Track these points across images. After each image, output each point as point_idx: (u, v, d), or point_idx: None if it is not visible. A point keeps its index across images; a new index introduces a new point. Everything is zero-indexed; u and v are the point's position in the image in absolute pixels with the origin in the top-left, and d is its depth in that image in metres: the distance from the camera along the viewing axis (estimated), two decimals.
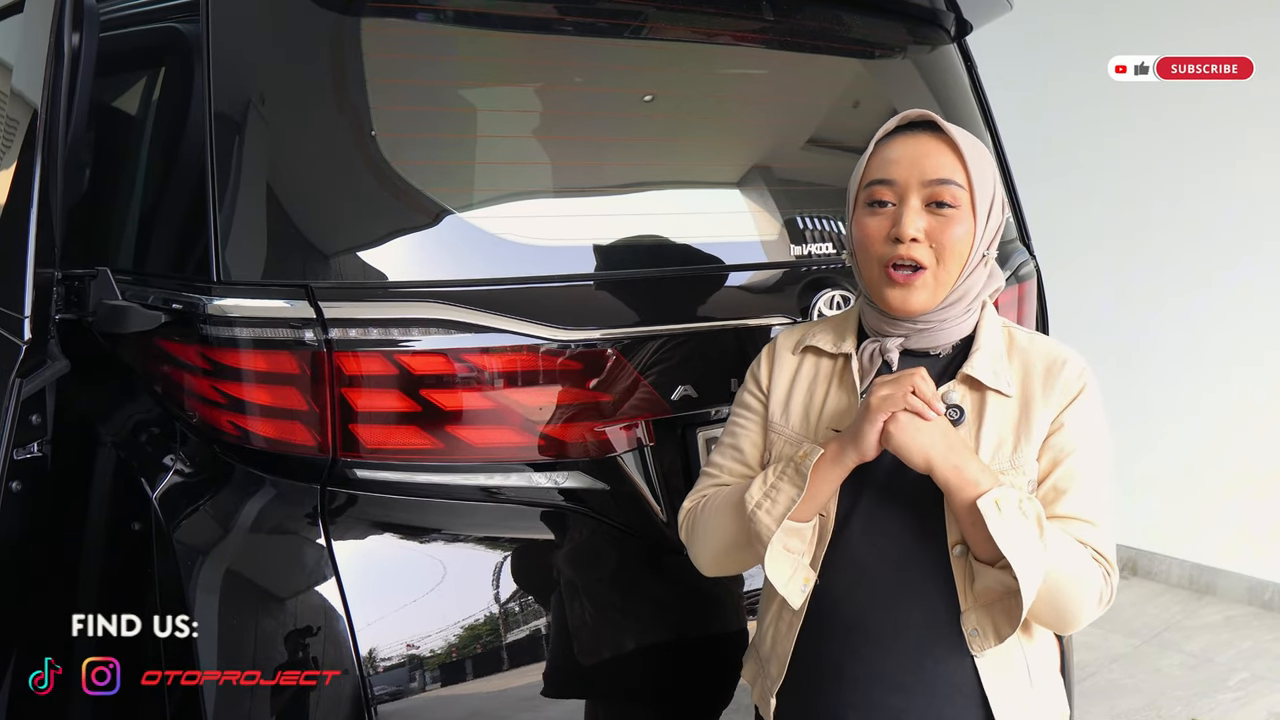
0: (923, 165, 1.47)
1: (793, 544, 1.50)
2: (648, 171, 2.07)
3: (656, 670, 1.95)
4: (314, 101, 1.75)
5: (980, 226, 1.48)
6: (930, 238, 1.46)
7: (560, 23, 1.99)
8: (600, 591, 1.88)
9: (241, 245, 1.67)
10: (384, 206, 1.75)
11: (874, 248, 1.50)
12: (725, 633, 2.02)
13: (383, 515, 1.73)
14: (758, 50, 2.26)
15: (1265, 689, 3.78)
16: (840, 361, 1.60)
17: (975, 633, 1.45)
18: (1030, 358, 1.52)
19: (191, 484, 1.72)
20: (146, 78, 1.92)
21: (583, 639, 1.84)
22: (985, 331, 1.54)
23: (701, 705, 2.04)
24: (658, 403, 1.89)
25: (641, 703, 1.99)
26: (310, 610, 1.65)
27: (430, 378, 1.69)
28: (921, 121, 1.52)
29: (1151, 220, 4.67)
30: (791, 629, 1.57)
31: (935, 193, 1.46)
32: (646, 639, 1.93)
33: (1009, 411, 1.49)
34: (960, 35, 2.60)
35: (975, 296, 1.53)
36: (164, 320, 1.67)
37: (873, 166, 1.53)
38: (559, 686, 1.82)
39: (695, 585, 1.97)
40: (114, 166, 1.98)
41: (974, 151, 1.49)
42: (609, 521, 1.89)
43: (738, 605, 2.02)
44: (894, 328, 1.54)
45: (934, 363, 1.55)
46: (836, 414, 1.57)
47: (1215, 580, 4.62)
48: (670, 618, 1.97)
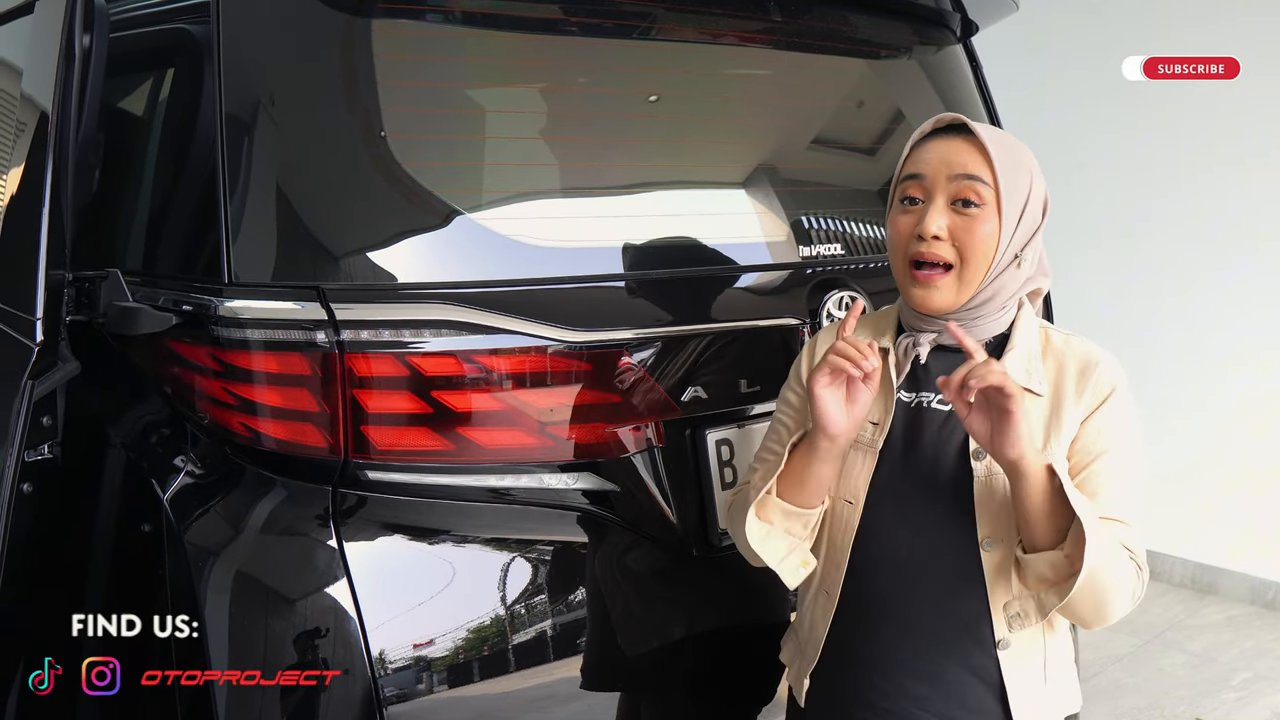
0: (950, 162, 1.49)
1: (793, 527, 1.58)
2: (656, 172, 2.07)
3: (667, 670, 1.95)
4: (324, 102, 1.75)
5: (1009, 227, 1.48)
6: (954, 236, 1.48)
7: (568, 24, 1.99)
8: (610, 592, 1.88)
9: (252, 246, 1.67)
10: (394, 207, 1.75)
11: (901, 244, 1.54)
12: (734, 634, 2.03)
13: (393, 517, 1.73)
14: (764, 51, 2.26)
15: (1268, 688, 3.79)
16: (878, 357, 1.62)
17: (1017, 615, 1.48)
18: (1065, 359, 1.54)
19: (202, 485, 1.72)
20: (157, 79, 1.92)
21: (594, 639, 1.84)
22: (1021, 330, 1.56)
23: (706, 705, 2.04)
24: (667, 404, 1.89)
25: (651, 702, 1.99)
26: (321, 611, 1.65)
27: (441, 379, 1.68)
28: (955, 125, 1.54)
29: (1151, 219, 4.67)
30: (826, 614, 1.62)
31: (960, 189, 1.48)
32: (655, 639, 1.93)
33: (1040, 410, 1.51)
34: (966, 36, 2.61)
35: (1011, 295, 1.55)
36: (175, 322, 1.66)
37: (906, 165, 1.56)
38: (570, 685, 1.82)
39: (707, 586, 1.98)
40: (124, 168, 1.98)
41: (1003, 151, 1.49)
42: (619, 522, 1.89)
43: (748, 603, 2.02)
44: (927, 324, 1.56)
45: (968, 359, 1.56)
46: (873, 409, 1.58)
47: (1218, 580, 4.63)
48: (682, 618, 1.97)
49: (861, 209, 2.27)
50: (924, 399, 1.58)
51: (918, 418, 1.57)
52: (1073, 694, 1.64)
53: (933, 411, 1.56)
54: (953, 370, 1.42)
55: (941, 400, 1.55)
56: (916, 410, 1.58)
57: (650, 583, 1.95)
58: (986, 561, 1.49)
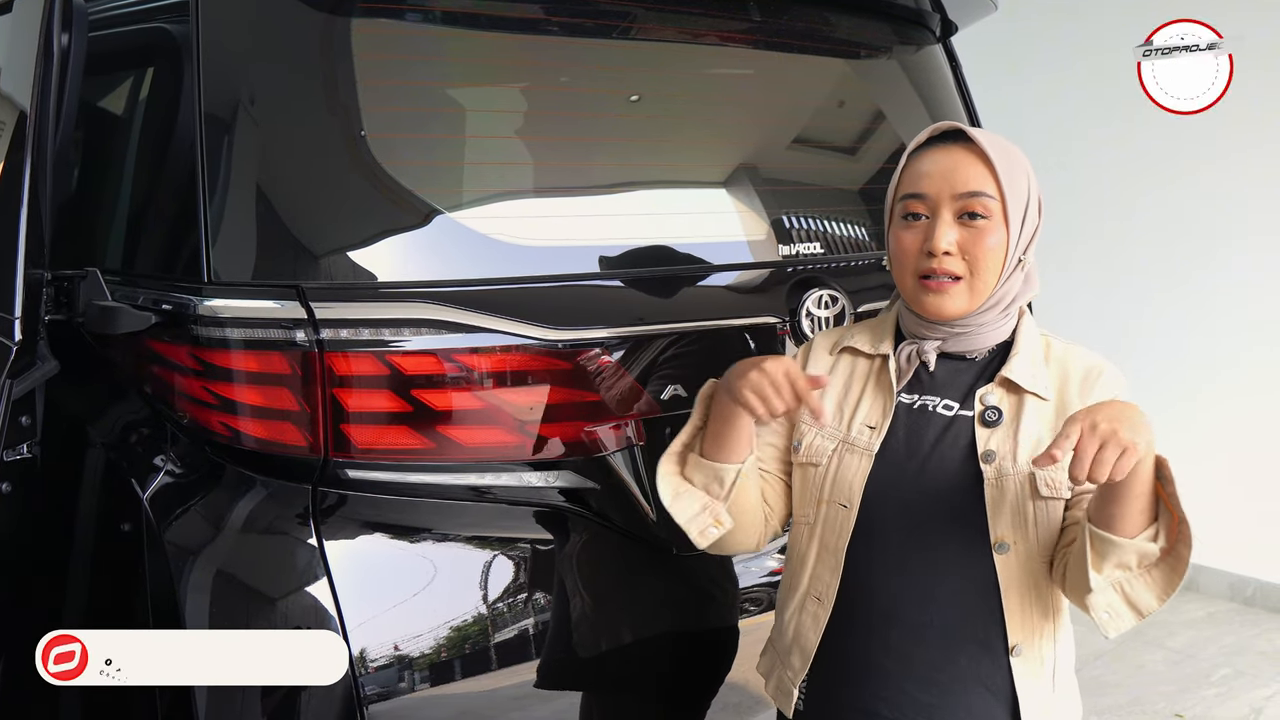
0: (953, 179, 1.48)
1: (713, 487, 1.57)
2: (637, 172, 2.07)
3: (647, 666, 1.96)
4: (304, 102, 1.75)
5: (1014, 233, 1.49)
6: (963, 250, 1.48)
7: (549, 23, 1.99)
8: (590, 590, 1.88)
9: (232, 245, 1.67)
10: (374, 207, 1.76)
11: (909, 261, 1.52)
12: (716, 629, 2.03)
13: (374, 515, 1.73)
14: (745, 50, 2.27)
15: (1247, 684, 3.81)
16: (878, 362, 1.62)
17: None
18: (1068, 366, 1.54)
19: (182, 485, 1.72)
20: (136, 78, 1.92)
21: (574, 637, 1.84)
22: (1024, 337, 1.56)
23: (691, 700, 2.05)
24: (648, 402, 1.90)
25: (632, 698, 1.99)
26: (302, 610, 1.65)
27: (421, 378, 1.69)
28: (952, 132, 1.53)
29: (1137, 218, 4.69)
30: (818, 621, 1.59)
31: (967, 205, 1.48)
32: (637, 636, 1.94)
33: (1046, 414, 1.50)
34: (946, 36, 2.62)
35: (1013, 300, 1.55)
36: (154, 321, 1.66)
37: (906, 180, 1.55)
38: (551, 683, 1.82)
39: (686, 583, 1.99)
40: (103, 167, 1.98)
41: (1004, 159, 1.49)
42: (599, 520, 1.89)
43: (729, 603, 2.03)
44: (931, 331, 1.56)
45: (971, 366, 1.57)
46: (870, 412, 1.58)
47: (1198, 577, 4.65)
48: (661, 615, 1.97)
49: (841, 208, 2.28)
50: (928, 402, 1.56)
51: (921, 421, 1.55)
52: (1076, 702, 1.61)
53: (937, 415, 1.55)
54: (956, 375, 1.49)
55: (947, 405, 1.54)
56: (920, 413, 1.56)
57: (631, 580, 1.96)
58: (1000, 565, 1.48)
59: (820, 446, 1.60)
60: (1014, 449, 1.48)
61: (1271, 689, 3.75)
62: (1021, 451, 1.48)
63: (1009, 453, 1.48)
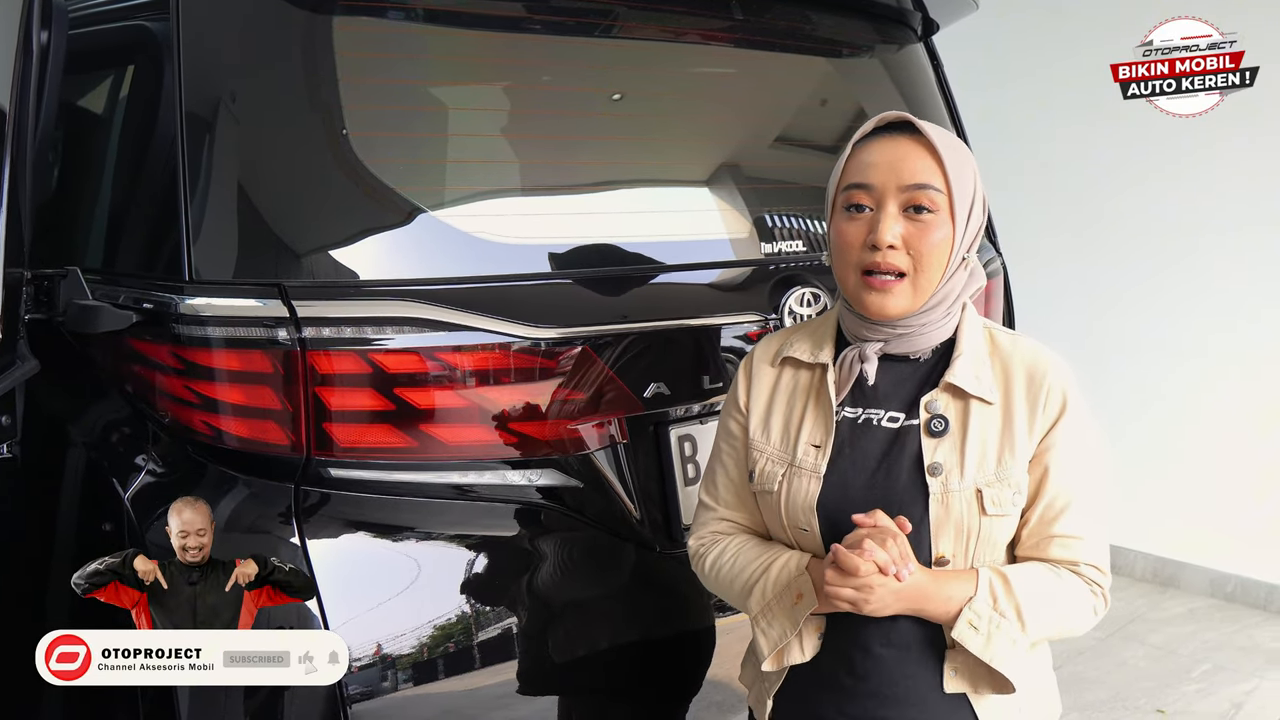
0: (900, 170, 1.43)
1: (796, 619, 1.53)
2: (619, 170, 2.08)
3: (628, 666, 1.96)
4: (286, 100, 1.75)
5: (960, 229, 1.45)
6: (908, 244, 1.43)
7: (531, 22, 2.00)
8: (574, 588, 1.89)
9: (213, 244, 1.66)
10: (357, 205, 1.75)
11: (851, 254, 1.46)
12: (696, 629, 2.03)
13: (357, 514, 1.73)
14: (726, 49, 2.27)
15: (1228, 680, 3.83)
16: (818, 373, 1.56)
17: (954, 674, 1.47)
18: (1011, 363, 1.50)
19: (164, 484, 1.71)
20: (116, 76, 1.91)
21: (557, 636, 1.85)
22: (966, 335, 1.51)
23: (672, 699, 2.05)
24: (631, 400, 1.90)
25: (614, 697, 2.00)
26: (284, 609, 1.64)
27: (404, 376, 1.69)
28: (899, 123, 1.47)
29: (1115, 216, 4.71)
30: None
31: (913, 198, 1.42)
32: (619, 635, 1.94)
33: (993, 420, 1.47)
34: (927, 34, 2.63)
35: (955, 298, 1.50)
36: (135, 320, 1.66)
37: (850, 170, 1.48)
38: (533, 683, 1.82)
39: (667, 582, 1.99)
40: (83, 165, 1.97)
41: (953, 153, 1.44)
42: (583, 518, 1.89)
43: (712, 600, 2.03)
44: (873, 332, 1.50)
45: (915, 371, 1.52)
46: (814, 430, 1.53)
47: (1178, 573, 4.67)
48: (643, 614, 1.98)
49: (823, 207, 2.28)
50: (872, 416, 1.51)
51: (865, 435, 1.50)
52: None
53: (881, 429, 1.50)
54: (900, 383, 1.48)
55: (892, 417, 1.50)
56: (865, 427, 1.51)
57: (614, 578, 1.96)
58: None
59: (771, 472, 1.55)
60: (960, 461, 1.45)
61: (1251, 684, 3.78)
62: (969, 463, 1.44)
63: (955, 465, 1.45)
